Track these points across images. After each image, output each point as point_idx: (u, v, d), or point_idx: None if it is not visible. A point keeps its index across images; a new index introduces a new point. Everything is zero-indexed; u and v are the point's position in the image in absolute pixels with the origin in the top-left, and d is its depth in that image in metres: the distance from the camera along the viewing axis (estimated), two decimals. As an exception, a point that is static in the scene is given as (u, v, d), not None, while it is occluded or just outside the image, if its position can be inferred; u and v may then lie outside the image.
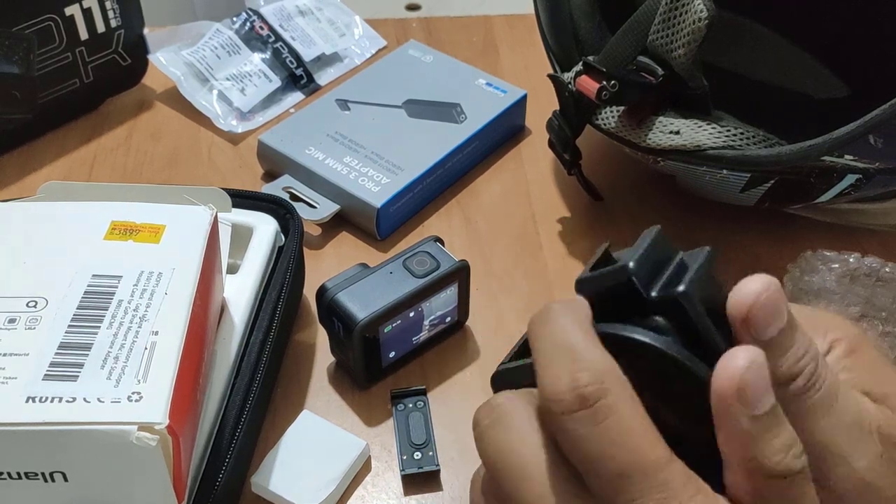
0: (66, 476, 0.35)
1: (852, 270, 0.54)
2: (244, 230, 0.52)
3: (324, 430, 0.48)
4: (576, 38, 0.58)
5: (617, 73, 0.51)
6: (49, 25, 0.64)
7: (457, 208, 0.64)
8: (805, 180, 0.50)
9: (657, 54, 0.51)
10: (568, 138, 0.56)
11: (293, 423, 0.48)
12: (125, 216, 0.43)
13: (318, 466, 0.46)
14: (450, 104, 0.67)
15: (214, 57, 0.72)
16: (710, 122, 0.51)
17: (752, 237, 0.61)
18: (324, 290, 0.49)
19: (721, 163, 0.50)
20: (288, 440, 0.47)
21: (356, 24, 0.79)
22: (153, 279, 0.40)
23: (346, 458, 0.47)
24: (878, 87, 0.61)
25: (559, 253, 0.60)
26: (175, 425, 0.34)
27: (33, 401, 0.34)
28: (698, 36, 0.48)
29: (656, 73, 0.51)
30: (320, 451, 0.47)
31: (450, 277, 0.51)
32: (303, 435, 0.48)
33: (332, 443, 0.47)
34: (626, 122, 0.53)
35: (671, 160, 0.52)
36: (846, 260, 0.54)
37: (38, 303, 0.38)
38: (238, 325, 0.48)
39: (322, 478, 0.46)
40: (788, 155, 0.48)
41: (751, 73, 0.66)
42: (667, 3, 0.49)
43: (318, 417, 0.49)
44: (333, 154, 0.63)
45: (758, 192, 0.52)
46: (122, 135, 0.70)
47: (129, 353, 0.36)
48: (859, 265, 0.54)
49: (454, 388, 0.52)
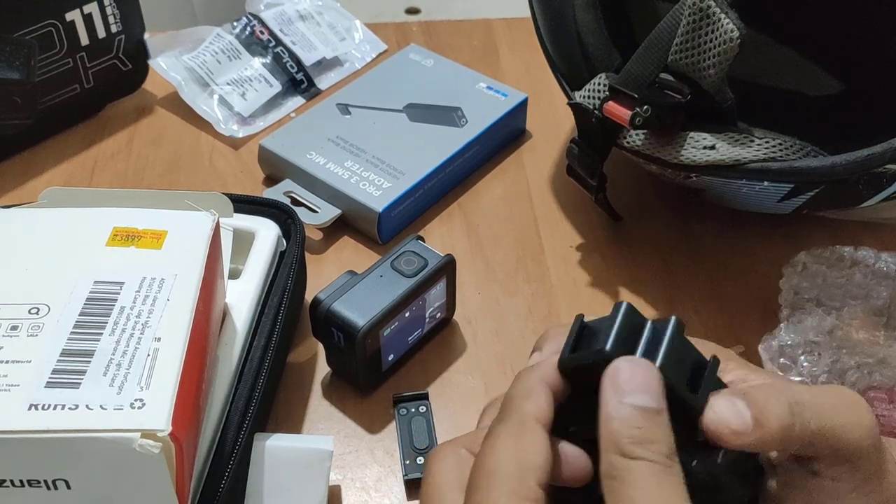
0: (69, 483, 0.35)
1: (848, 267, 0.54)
2: (246, 235, 0.52)
3: (286, 450, 0.44)
4: (584, 55, 0.58)
5: (646, 96, 0.50)
6: (50, 31, 0.64)
7: (458, 212, 0.64)
8: (853, 187, 0.50)
9: (681, 72, 0.50)
10: (595, 164, 0.55)
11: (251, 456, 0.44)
12: (127, 222, 0.43)
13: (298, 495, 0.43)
14: (451, 108, 0.67)
15: (215, 62, 0.72)
16: (745, 134, 0.50)
17: (751, 238, 0.61)
18: (318, 302, 0.49)
19: (766, 175, 0.49)
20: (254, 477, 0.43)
21: (356, 29, 0.79)
22: (155, 285, 0.40)
23: (320, 472, 0.44)
24: (871, 82, 0.61)
25: (561, 256, 0.60)
26: (178, 432, 0.34)
27: (36, 408, 0.34)
28: (730, 55, 0.47)
29: (684, 92, 0.50)
30: (291, 476, 0.43)
31: (440, 272, 0.51)
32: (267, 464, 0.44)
33: (298, 461, 0.44)
34: (654, 141, 0.52)
35: (706, 175, 0.51)
36: (840, 255, 0.54)
37: (40, 310, 0.38)
38: (240, 330, 0.48)
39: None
40: (844, 165, 0.47)
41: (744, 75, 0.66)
42: (689, 22, 0.49)
43: (273, 436, 0.44)
44: (334, 158, 0.63)
45: (799, 200, 0.52)
46: (123, 140, 0.70)
47: (132, 360, 0.36)
48: (853, 257, 0.54)
49: (457, 393, 0.52)
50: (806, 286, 0.54)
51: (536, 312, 0.57)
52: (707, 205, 0.59)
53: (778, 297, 0.54)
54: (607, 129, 0.53)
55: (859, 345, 0.51)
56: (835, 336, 0.51)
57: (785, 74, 0.65)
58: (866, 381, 0.49)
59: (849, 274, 0.54)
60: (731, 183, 0.51)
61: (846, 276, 0.54)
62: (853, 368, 0.49)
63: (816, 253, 0.55)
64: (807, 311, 0.52)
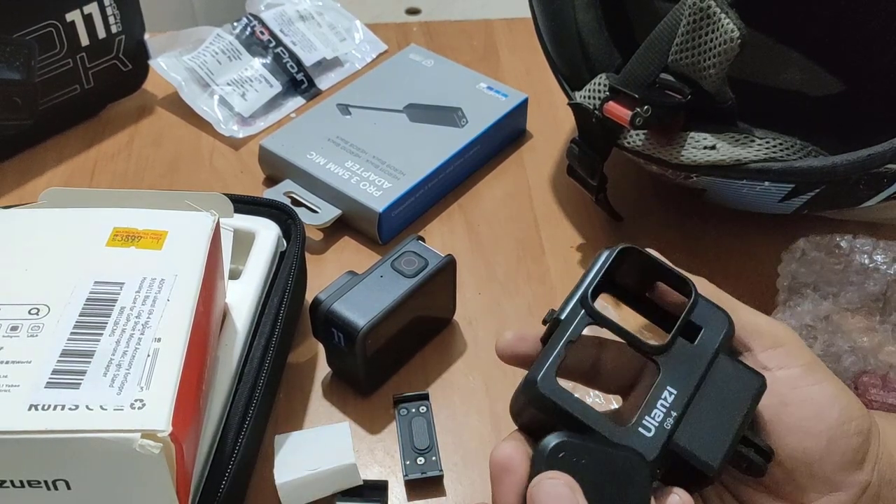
0: (69, 484, 0.35)
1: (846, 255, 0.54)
2: (246, 235, 0.52)
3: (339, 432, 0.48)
4: (584, 55, 0.58)
5: (646, 96, 0.50)
6: (50, 31, 0.64)
7: (459, 212, 0.63)
8: (854, 187, 0.50)
9: (682, 73, 0.50)
10: (596, 164, 0.55)
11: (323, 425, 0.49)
12: (127, 222, 0.43)
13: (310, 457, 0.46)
14: (451, 108, 0.67)
15: (215, 62, 0.72)
16: (746, 134, 0.50)
17: (751, 238, 0.61)
18: (318, 303, 0.49)
19: (767, 175, 0.49)
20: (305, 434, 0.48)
21: (357, 29, 0.79)
22: (155, 286, 0.40)
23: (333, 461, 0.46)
24: (872, 82, 0.61)
25: (561, 256, 0.60)
26: (178, 432, 0.34)
27: (36, 409, 0.34)
28: (730, 55, 0.47)
29: (684, 92, 0.50)
30: (319, 447, 0.47)
31: (440, 273, 0.51)
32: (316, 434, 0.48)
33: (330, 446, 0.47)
34: (654, 141, 0.52)
35: (706, 175, 0.51)
36: (838, 242, 0.54)
37: (40, 310, 0.38)
38: (240, 330, 0.48)
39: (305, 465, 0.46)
40: (845, 165, 0.47)
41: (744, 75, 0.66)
42: (689, 22, 0.48)
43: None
44: (335, 159, 0.63)
45: (799, 200, 0.52)
46: (123, 140, 0.70)
47: (132, 360, 0.36)
48: (851, 245, 0.54)
49: (457, 394, 0.52)
50: (804, 272, 0.54)
51: (537, 313, 0.57)
52: (707, 205, 0.59)
53: (776, 283, 0.54)
54: (608, 129, 0.53)
55: (855, 330, 0.51)
56: (830, 321, 0.51)
57: (785, 74, 0.65)
58: (860, 366, 0.49)
59: (846, 261, 0.54)
60: (732, 183, 0.51)
61: (844, 263, 0.54)
62: (847, 353, 0.49)
63: (815, 240, 0.55)
64: (804, 296, 0.52)
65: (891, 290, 0.53)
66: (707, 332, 0.37)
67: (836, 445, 0.36)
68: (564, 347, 0.36)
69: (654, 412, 0.35)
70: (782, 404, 0.37)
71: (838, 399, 0.37)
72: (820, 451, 0.36)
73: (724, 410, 0.36)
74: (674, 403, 0.35)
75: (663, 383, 0.36)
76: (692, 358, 0.36)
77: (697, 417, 0.35)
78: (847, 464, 0.36)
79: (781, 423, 0.37)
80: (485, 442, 0.50)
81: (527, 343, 0.38)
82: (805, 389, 0.37)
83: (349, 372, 0.51)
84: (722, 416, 0.35)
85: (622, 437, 0.34)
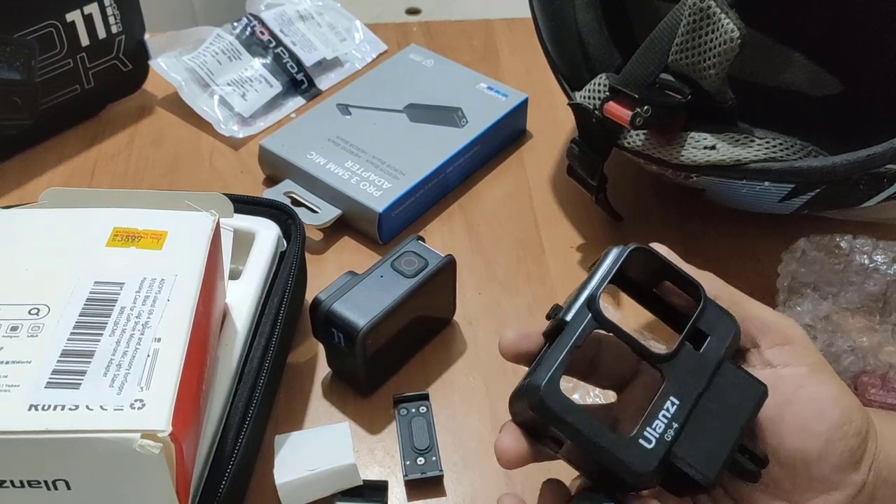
0: (69, 484, 0.35)
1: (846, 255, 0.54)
2: (246, 236, 0.52)
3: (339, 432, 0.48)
4: (584, 55, 0.58)
5: (646, 96, 0.50)
6: (50, 31, 0.64)
7: (459, 213, 0.63)
8: (854, 187, 0.50)
9: (682, 73, 0.50)
10: (596, 164, 0.55)
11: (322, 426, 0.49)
12: (127, 222, 0.43)
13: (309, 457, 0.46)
14: (451, 108, 0.67)
15: (215, 62, 0.72)
16: (746, 134, 0.50)
17: (751, 238, 0.61)
18: (318, 303, 0.49)
19: (767, 175, 0.49)
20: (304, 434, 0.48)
21: (357, 29, 0.79)
22: (155, 286, 0.40)
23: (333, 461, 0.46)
24: (872, 82, 0.61)
25: (562, 256, 0.60)
26: (178, 433, 0.34)
27: (36, 409, 0.34)
28: (730, 56, 0.47)
29: (684, 92, 0.50)
30: (318, 447, 0.47)
31: (440, 273, 0.51)
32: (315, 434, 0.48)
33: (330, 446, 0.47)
34: (654, 141, 0.52)
35: (706, 175, 0.51)
36: (839, 243, 0.54)
37: (40, 310, 0.38)
38: (240, 330, 0.48)
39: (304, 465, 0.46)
40: (845, 165, 0.47)
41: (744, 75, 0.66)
42: (689, 22, 0.48)
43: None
44: (335, 159, 0.63)
45: (799, 200, 0.52)
46: (124, 140, 0.70)
47: (132, 361, 0.36)
48: (851, 245, 0.54)
49: (457, 394, 0.52)
50: (804, 272, 0.54)
51: (537, 313, 0.57)
52: (707, 205, 0.59)
53: (776, 282, 0.54)
54: (608, 129, 0.53)
55: (854, 330, 0.51)
56: (830, 321, 0.51)
57: (785, 74, 0.65)
58: (860, 366, 0.49)
59: (846, 261, 0.54)
60: (732, 183, 0.51)
61: (844, 263, 0.54)
62: (847, 353, 0.49)
63: (815, 240, 0.55)
64: (804, 296, 0.53)
65: (890, 290, 0.53)
66: (713, 341, 0.37)
67: (835, 446, 0.36)
68: (570, 353, 0.35)
69: (656, 423, 0.35)
70: (786, 402, 0.37)
71: (840, 400, 0.37)
72: (819, 450, 0.36)
73: (724, 421, 0.36)
74: (675, 415, 0.35)
75: (666, 393, 0.35)
76: (697, 366, 0.36)
77: (698, 428, 0.35)
78: (844, 464, 0.36)
79: (783, 421, 0.37)
80: (485, 442, 0.50)
81: (530, 340, 0.38)
82: (810, 389, 0.37)
83: (349, 372, 0.51)
84: (722, 426, 0.35)
85: (623, 449, 0.34)
